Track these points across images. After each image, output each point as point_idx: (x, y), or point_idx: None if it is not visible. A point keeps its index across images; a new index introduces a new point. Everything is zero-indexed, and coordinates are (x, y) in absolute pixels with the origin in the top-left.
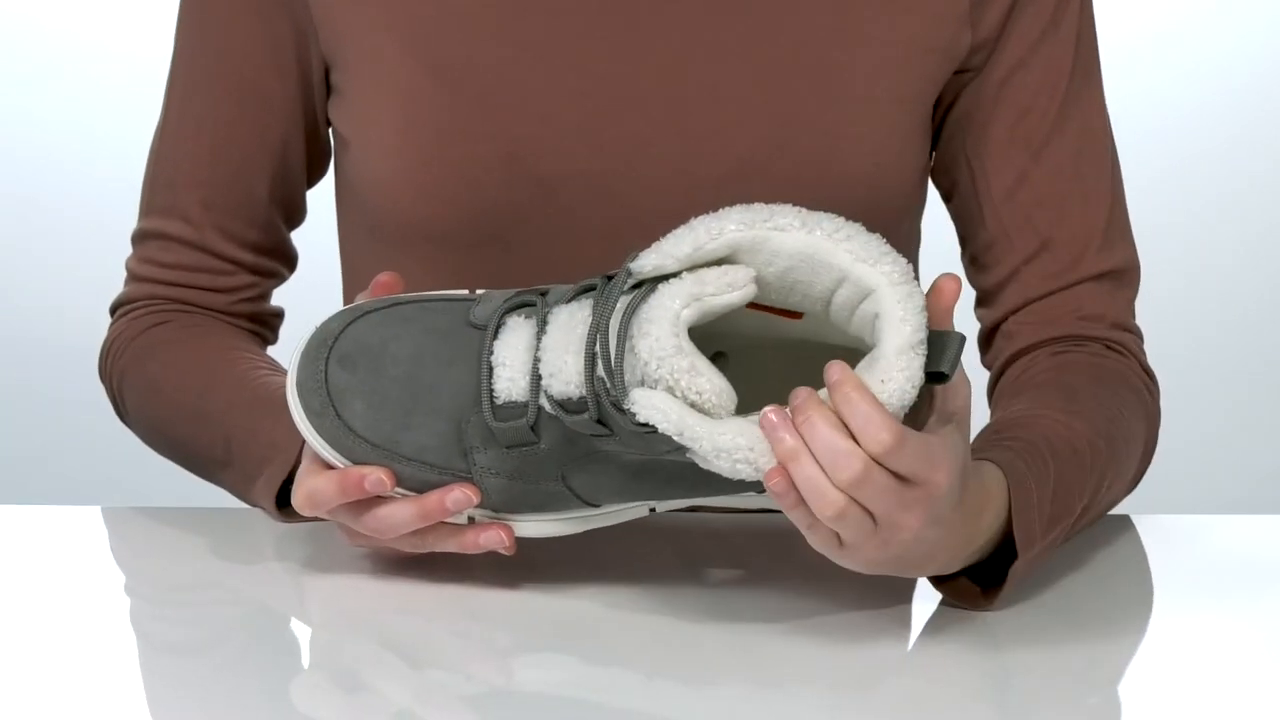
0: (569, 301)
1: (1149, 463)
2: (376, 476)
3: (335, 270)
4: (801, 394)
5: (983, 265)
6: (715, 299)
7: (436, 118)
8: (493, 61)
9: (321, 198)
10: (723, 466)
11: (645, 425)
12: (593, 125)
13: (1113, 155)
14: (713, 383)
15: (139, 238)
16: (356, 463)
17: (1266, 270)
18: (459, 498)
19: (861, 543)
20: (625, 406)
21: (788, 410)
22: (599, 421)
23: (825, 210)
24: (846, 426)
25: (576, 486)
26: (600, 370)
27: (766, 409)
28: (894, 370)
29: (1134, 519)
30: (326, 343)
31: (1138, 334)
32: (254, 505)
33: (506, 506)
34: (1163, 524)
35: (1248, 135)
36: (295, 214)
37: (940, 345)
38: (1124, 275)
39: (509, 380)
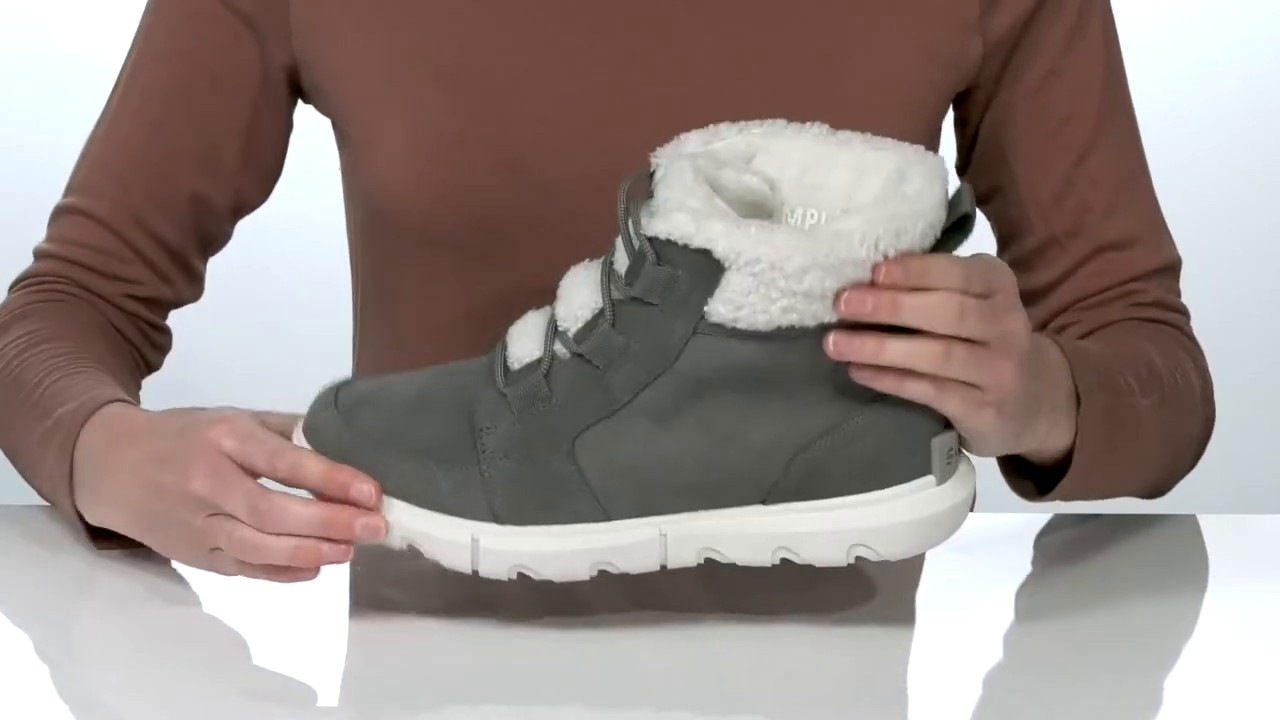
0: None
1: (1211, 412)
2: (375, 521)
3: (340, 274)
4: (863, 292)
5: (1031, 267)
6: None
7: (441, 124)
8: (497, 67)
9: (328, 200)
10: (744, 283)
11: (665, 241)
12: (595, 130)
13: (1143, 148)
14: (740, 182)
15: (55, 214)
16: (353, 462)
17: (1266, 270)
18: (368, 522)
19: (983, 373)
20: (645, 232)
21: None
22: (612, 326)
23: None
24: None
25: (587, 466)
26: (614, 276)
27: (829, 335)
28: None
29: (1141, 517)
30: (330, 399)
31: (1184, 312)
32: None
33: (513, 510)
34: (1166, 523)
35: (1248, 134)
36: (211, 218)
37: (955, 200)
38: (1172, 268)
39: (522, 349)
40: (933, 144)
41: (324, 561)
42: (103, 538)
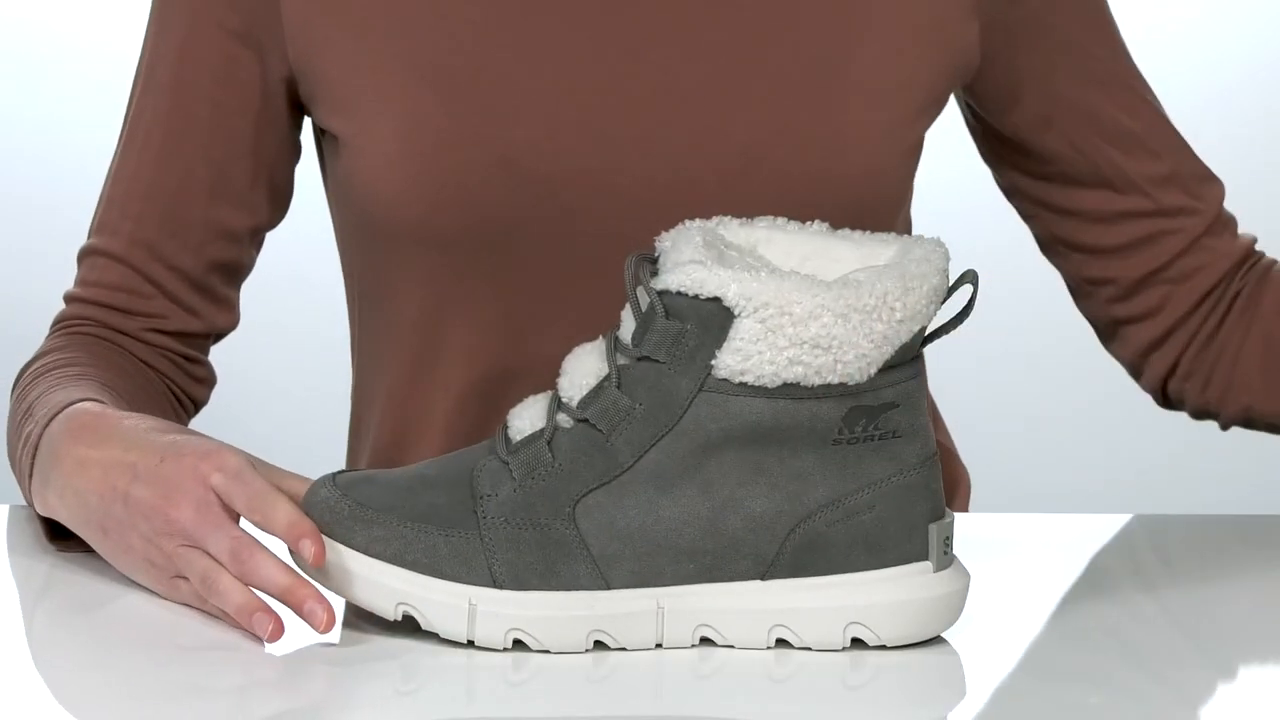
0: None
1: None
2: (320, 612)
3: (336, 271)
4: None
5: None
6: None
7: (436, 125)
8: (489, 64)
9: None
10: (753, 329)
11: (676, 294)
12: (591, 123)
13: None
14: (744, 263)
15: (79, 257)
16: (352, 528)
17: None
18: (315, 609)
19: None
20: (656, 287)
21: None
22: (618, 388)
23: (825, 201)
24: None
25: (587, 530)
26: (621, 340)
27: None
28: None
29: (1142, 517)
30: (328, 479)
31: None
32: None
33: (512, 575)
34: (1169, 522)
35: (1248, 133)
36: (231, 242)
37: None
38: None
39: (524, 423)
40: (925, 122)
41: (251, 629)
42: (63, 538)
